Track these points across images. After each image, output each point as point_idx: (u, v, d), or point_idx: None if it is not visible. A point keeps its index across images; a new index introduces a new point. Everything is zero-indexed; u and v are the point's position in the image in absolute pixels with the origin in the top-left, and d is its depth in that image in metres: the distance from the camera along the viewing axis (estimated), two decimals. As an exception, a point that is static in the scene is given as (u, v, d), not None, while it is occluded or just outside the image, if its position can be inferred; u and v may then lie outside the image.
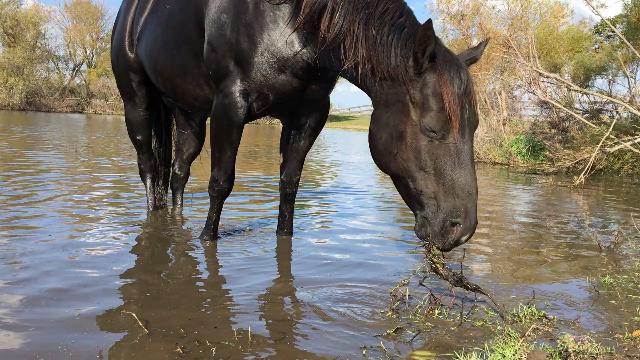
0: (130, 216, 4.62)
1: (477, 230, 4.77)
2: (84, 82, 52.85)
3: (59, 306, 2.56)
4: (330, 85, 3.77)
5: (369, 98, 3.03)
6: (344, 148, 17.87)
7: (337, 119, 53.81)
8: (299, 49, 3.28)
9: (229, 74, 3.43)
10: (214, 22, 3.45)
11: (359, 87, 3.09)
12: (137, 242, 3.84)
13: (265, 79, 3.36)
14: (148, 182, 4.83)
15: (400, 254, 3.89)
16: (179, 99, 4.14)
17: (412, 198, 2.80)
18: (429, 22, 2.56)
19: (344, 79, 3.91)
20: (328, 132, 33.13)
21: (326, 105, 3.96)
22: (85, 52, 55.37)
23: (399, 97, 2.74)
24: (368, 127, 3.00)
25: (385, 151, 2.82)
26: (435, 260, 2.69)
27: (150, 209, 4.78)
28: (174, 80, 3.96)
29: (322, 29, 2.97)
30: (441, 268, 2.69)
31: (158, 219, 4.58)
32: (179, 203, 5.10)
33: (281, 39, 3.28)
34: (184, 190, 5.18)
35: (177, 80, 3.93)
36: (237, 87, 3.41)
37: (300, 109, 3.76)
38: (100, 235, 3.93)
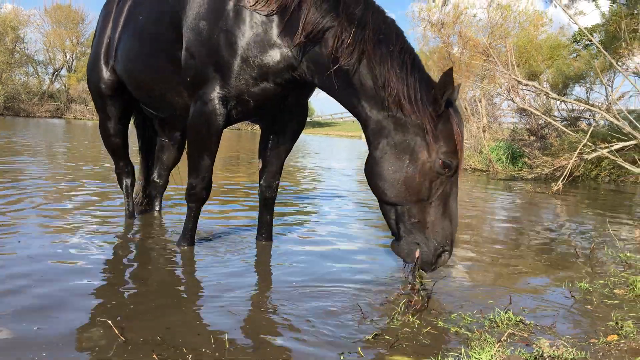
0: (109, 223, 4.58)
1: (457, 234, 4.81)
2: (63, 87, 52.21)
3: (32, 314, 2.52)
4: (311, 90, 3.79)
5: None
6: (326, 154, 17.89)
7: (320, 125, 53.94)
8: (287, 63, 3.26)
9: (208, 80, 3.40)
10: (193, 29, 3.43)
11: (348, 108, 3.18)
12: (113, 249, 3.80)
13: (246, 86, 3.34)
14: (126, 189, 4.79)
15: (381, 260, 3.90)
16: (160, 109, 4.13)
17: (403, 225, 2.99)
18: (451, 69, 2.81)
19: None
20: (310, 138, 33.16)
21: (305, 109, 3.97)
22: (65, 56, 54.76)
23: (413, 132, 2.89)
24: (349, 135, 3.03)
25: (393, 180, 2.94)
26: (418, 280, 3.09)
27: (128, 215, 4.74)
28: (153, 89, 3.94)
29: (329, 49, 3.00)
30: (419, 287, 3.01)
31: (136, 226, 4.54)
32: (157, 209, 5.07)
33: (266, 49, 3.25)
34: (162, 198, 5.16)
35: (156, 90, 3.91)
36: (216, 94, 3.39)
37: (280, 114, 3.76)
38: (77, 242, 3.88)
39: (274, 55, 3.26)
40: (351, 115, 3.22)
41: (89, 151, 12.32)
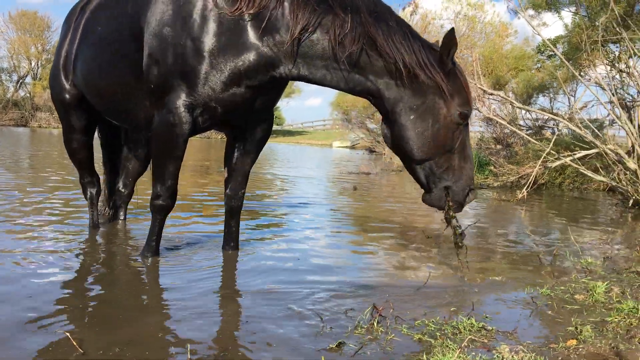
0: (73, 232, 4.49)
1: (422, 245, 4.86)
2: (28, 95, 51.14)
3: (-11, 327, 2.46)
4: (279, 94, 3.78)
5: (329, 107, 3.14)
6: (297, 163, 17.88)
7: (291, 133, 53.90)
8: (266, 63, 3.26)
9: (174, 88, 3.34)
10: (156, 35, 3.37)
11: (354, 90, 3.32)
12: (76, 259, 3.72)
13: (214, 92, 3.30)
14: (90, 199, 4.72)
15: (349, 267, 3.90)
16: (122, 120, 4.07)
17: (432, 176, 3.31)
18: (452, 30, 3.10)
19: (295, 89, 3.92)
20: (281, 147, 33.12)
21: (271, 116, 3.96)
22: (31, 64, 53.70)
23: (430, 93, 3.15)
24: (319, 143, 3.06)
25: (423, 140, 3.19)
26: (453, 219, 3.44)
27: (92, 226, 4.66)
28: (113, 100, 3.88)
29: (331, 39, 3.11)
30: (456, 223, 3.47)
31: (99, 236, 4.47)
32: (121, 219, 4.99)
33: (240, 52, 3.23)
34: (128, 207, 5.09)
35: (117, 100, 3.84)
36: (181, 102, 3.33)
37: (247, 121, 3.74)
38: (38, 251, 3.80)
39: (249, 57, 3.24)
40: (322, 123, 3.32)
41: (54, 160, 12.08)
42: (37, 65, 54.07)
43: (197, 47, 3.25)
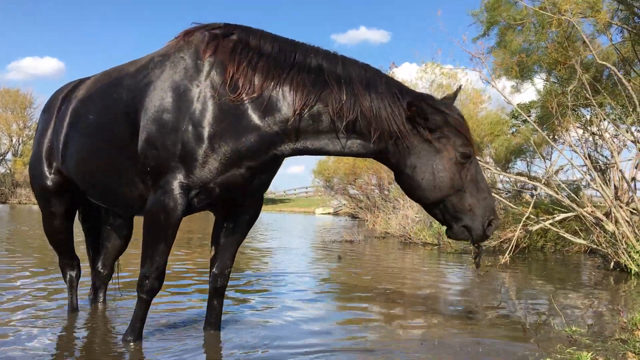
0: (50, 317, 4.40)
1: (410, 309, 4.83)
2: (8, 171, 50.80)
3: None
4: (274, 173, 3.83)
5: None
6: (280, 233, 17.82)
7: (273, 201, 53.90)
8: (267, 143, 3.34)
9: (171, 170, 3.35)
10: (155, 121, 3.40)
11: (355, 153, 3.44)
12: (53, 344, 3.63)
13: (213, 174, 3.33)
14: (70, 282, 4.65)
15: (335, 332, 3.85)
16: (115, 204, 4.07)
17: (450, 216, 3.43)
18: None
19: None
20: (264, 215, 33.02)
21: (262, 197, 4.01)
22: (12, 140, 53.66)
23: (426, 145, 3.32)
24: (302, 211, 3.08)
25: (429, 186, 3.33)
26: (478, 248, 3.69)
27: (71, 309, 4.56)
28: (106, 185, 3.90)
29: (331, 112, 3.26)
30: (478, 250, 3.71)
31: (78, 319, 4.37)
32: (100, 301, 4.90)
33: (241, 134, 3.29)
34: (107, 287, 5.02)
35: (110, 185, 3.85)
36: (177, 183, 3.34)
37: (240, 200, 3.75)
38: (16, 335, 3.70)
39: (250, 139, 3.30)
40: (304, 190, 3.39)
41: (35, 240, 11.92)
42: (19, 141, 54.01)
43: (198, 133, 3.29)
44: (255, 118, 3.31)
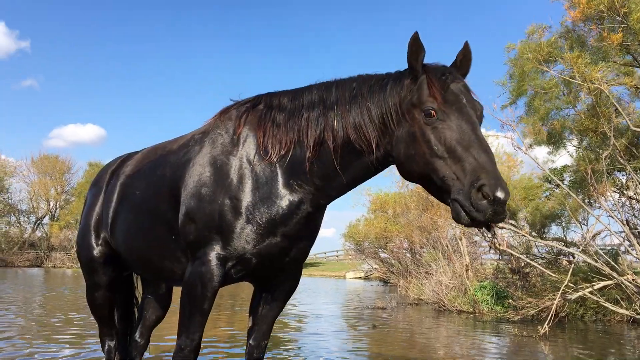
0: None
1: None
2: (44, 235, 51.82)
3: None
4: (316, 234, 3.81)
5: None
6: (311, 299, 17.63)
7: (304, 265, 53.40)
8: (298, 204, 3.38)
9: (209, 242, 3.41)
10: (194, 196, 3.51)
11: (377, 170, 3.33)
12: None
13: (250, 245, 3.37)
14: (108, 352, 4.68)
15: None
16: (159, 276, 4.17)
17: (441, 190, 2.88)
18: (416, 33, 2.96)
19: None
20: (294, 280, 32.64)
21: (300, 270, 4.01)
22: (49, 205, 54.98)
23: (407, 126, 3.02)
24: (333, 275, 3.09)
25: (407, 159, 3.01)
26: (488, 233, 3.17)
27: (109, 379, 4.58)
28: (152, 260, 3.99)
29: (330, 144, 3.24)
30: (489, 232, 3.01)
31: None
32: (137, 371, 4.91)
33: (274, 201, 3.36)
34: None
35: (156, 260, 3.95)
36: (214, 254, 3.39)
37: (277, 274, 3.75)
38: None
39: (282, 204, 3.37)
40: (335, 253, 3.32)
41: (67, 304, 12.05)
42: (56, 206, 55.32)
43: (234, 205, 3.38)
44: (284, 182, 3.39)
